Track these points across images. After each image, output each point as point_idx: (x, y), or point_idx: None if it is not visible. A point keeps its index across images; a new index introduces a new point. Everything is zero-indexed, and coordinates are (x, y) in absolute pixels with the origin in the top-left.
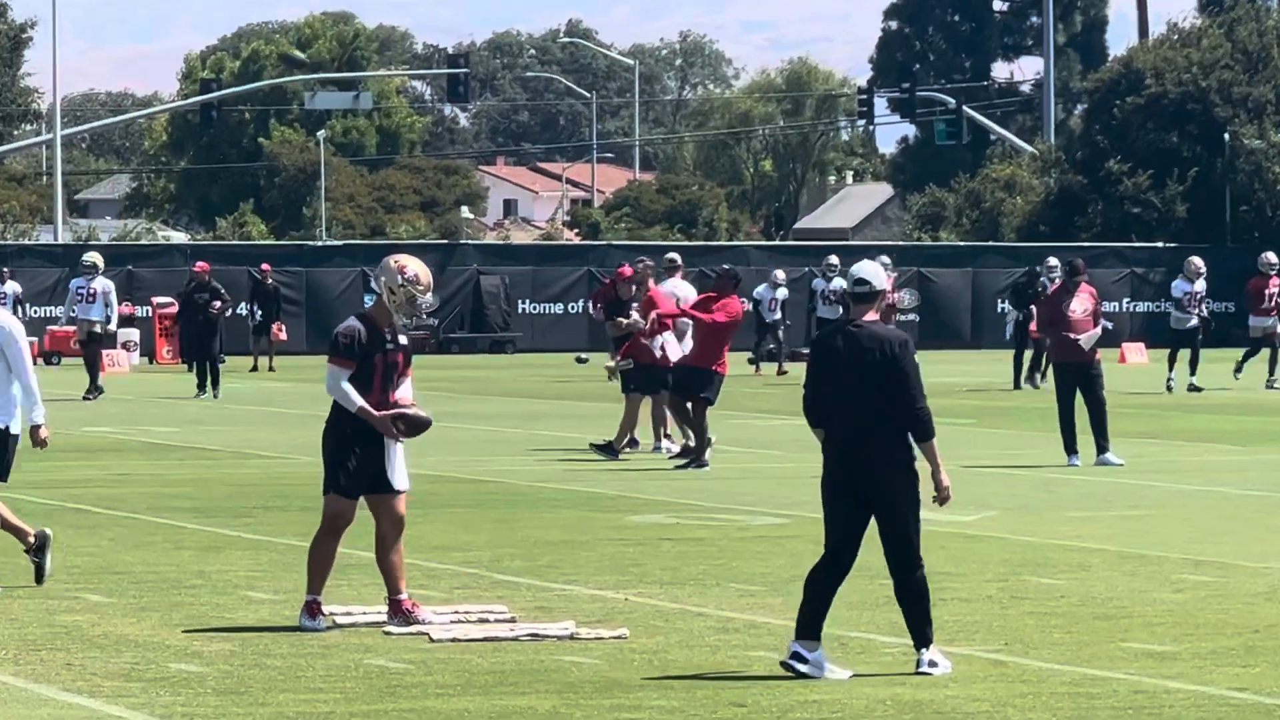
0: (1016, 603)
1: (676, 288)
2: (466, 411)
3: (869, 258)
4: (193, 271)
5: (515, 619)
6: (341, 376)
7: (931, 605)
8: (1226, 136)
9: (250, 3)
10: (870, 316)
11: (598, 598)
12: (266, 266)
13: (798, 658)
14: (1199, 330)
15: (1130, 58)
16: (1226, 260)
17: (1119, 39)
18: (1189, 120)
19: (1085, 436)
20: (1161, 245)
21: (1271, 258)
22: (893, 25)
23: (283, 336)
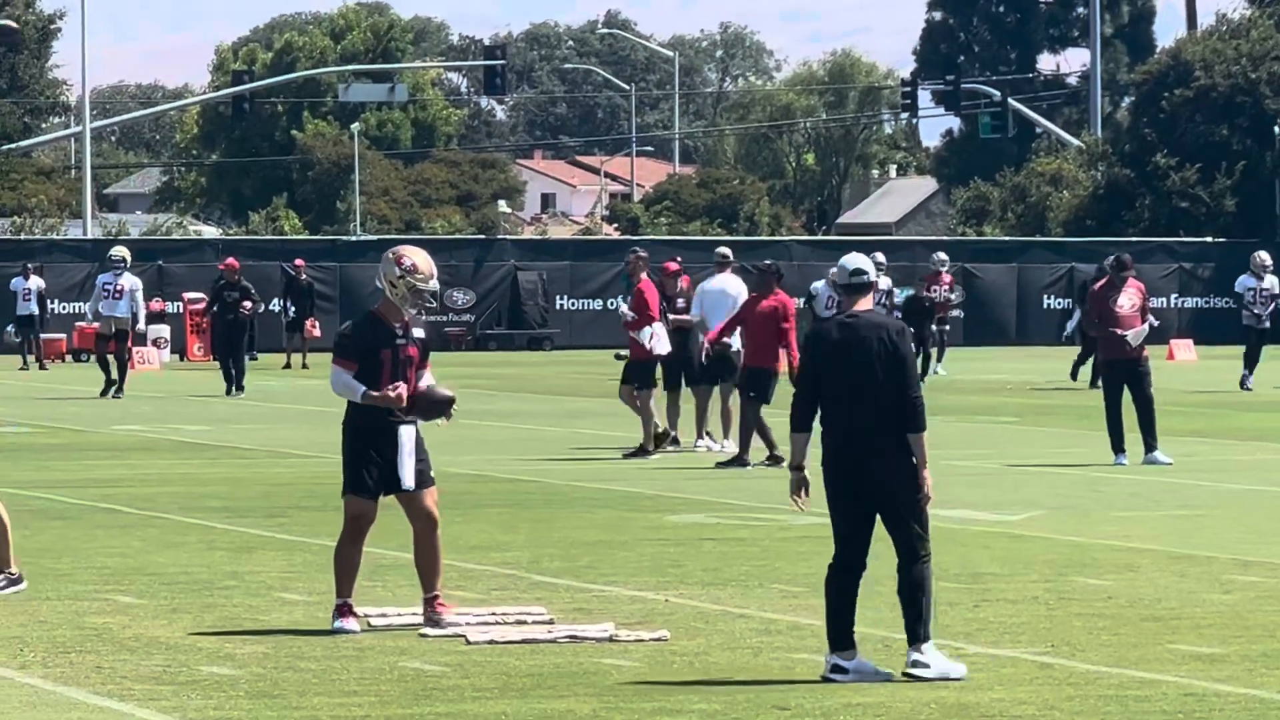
0: (1063, 604)
1: (726, 284)
2: (503, 410)
3: (865, 254)
4: (220, 268)
5: (553, 620)
6: (344, 375)
7: (932, 602)
8: (1277, 129)
9: None
10: (864, 306)
11: (637, 599)
12: (300, 262)
13: (838, 670)
14: (1266, 328)
15: (1178, 49)
16: (1276, 256)
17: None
18: (1238, 113)
19: (1133, 435)
20: (1210, 240)
21: None
22: (936, 16)
23: (316, 333)
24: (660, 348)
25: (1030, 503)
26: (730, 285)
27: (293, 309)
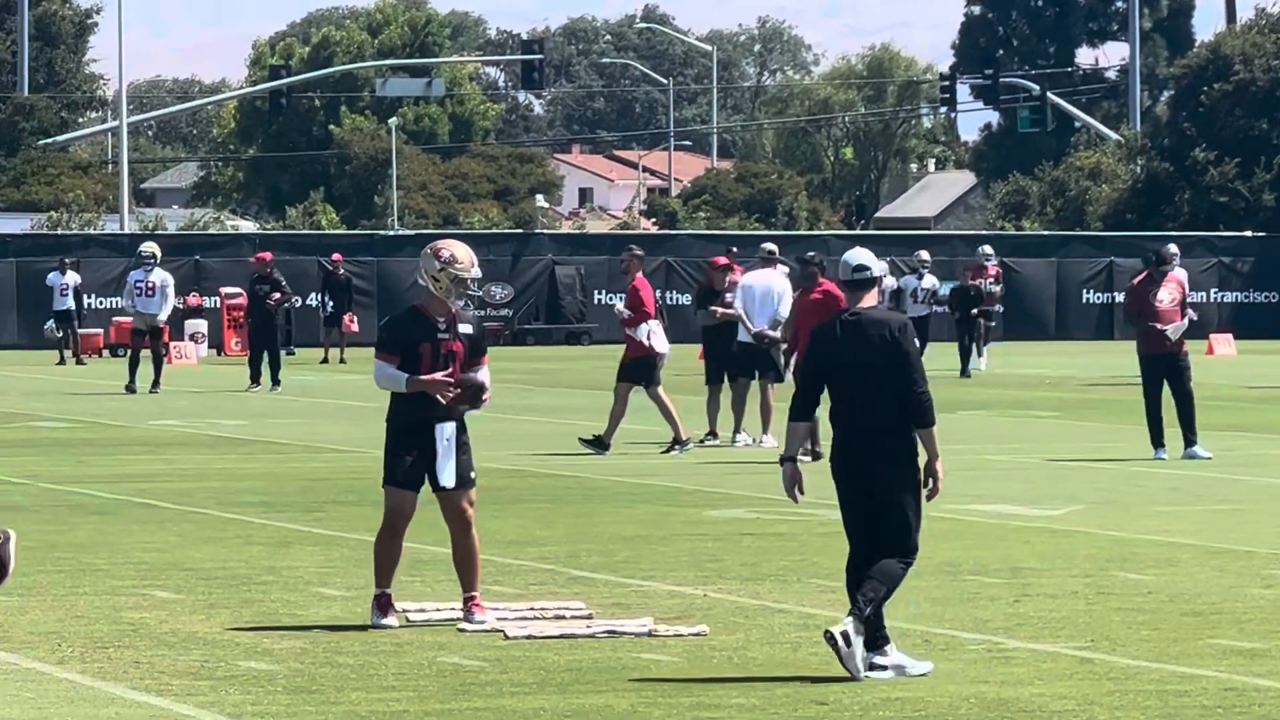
0: (1103, 599)
1: (772, 281)
2: (542, 404)
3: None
4: (251, 262)
5: (592, 615)
6: (386, 368)
7: (887, 600)
8: None
9: None
10: (869, 302)
11: (676, 594)
12: (338, 256)
13: (875, 668)
14: None
15: (1218, 43)
16: None
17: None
18: (1278, 107)
19: (1173, 430)
20: (1250, 234)
21: None
22: (975, 10)
23: (354, 328)
24: (659, 344)
25: (1070, 498)
26: (775, 282)
27: (330, 304)
